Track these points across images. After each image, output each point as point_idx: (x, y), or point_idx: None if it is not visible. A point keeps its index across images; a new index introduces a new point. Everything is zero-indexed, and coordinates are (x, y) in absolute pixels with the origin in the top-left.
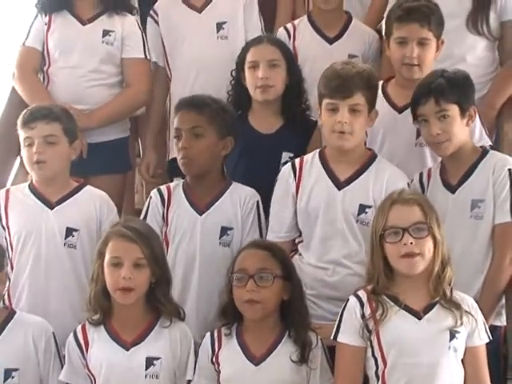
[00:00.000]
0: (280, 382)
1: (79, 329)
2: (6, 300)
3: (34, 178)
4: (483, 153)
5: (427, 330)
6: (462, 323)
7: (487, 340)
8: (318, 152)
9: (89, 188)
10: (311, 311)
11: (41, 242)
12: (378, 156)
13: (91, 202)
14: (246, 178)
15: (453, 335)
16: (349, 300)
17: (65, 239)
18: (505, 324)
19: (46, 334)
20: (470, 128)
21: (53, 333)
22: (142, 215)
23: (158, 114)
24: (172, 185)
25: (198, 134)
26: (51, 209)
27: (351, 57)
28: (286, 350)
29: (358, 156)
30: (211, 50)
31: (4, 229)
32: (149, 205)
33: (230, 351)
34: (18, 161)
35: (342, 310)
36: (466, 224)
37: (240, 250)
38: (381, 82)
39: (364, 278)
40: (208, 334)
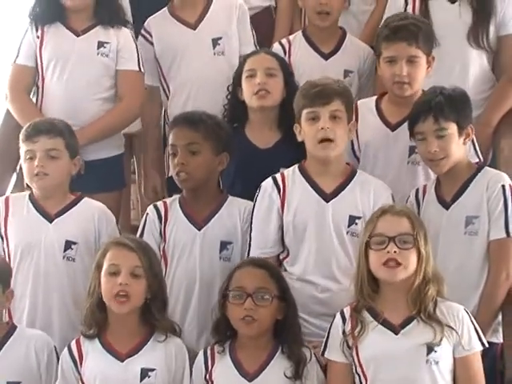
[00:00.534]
0: None
1: (73, 342)
2: (7, 314)
3: (34, 190)
4: (477, 169)
5: (403, 344)
6: (441, 338)
7: (479, 348)
8: (296, 167)
9: (87, 200)
10: (302, 329)
11: (40, 255)
12: (358, 170)
13: (90, 214)
14: (244, 192)
15: (431, 349)
16: (335, 316)
17: (64, 252)
18: (501, 341)
19: (48, 347)
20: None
21: (54, 346)
22: (139, 232)
23: (155, 134)
24: (168, 200)
25: (194, 150)
26: (50, 222)
27: (347, 72)
28: (280, 365)
29: (340, 169)
30: (209, 66)
31: (2, 239)
32: (145, 221)
33: (224, 368)
34: (14, 177)
35: (330, 326)
36: (461, 240)
37: (236, 267)
38: (374, 98)
39: (352, 292)
40: (201, 352)
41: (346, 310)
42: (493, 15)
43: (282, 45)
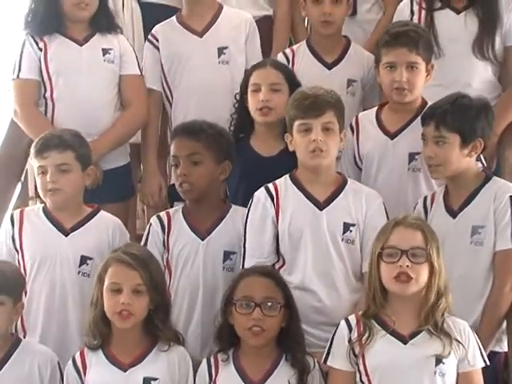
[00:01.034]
0: None
1: (77, 354)
2: (20, 326)
3: (47, 204)
4: (485, 179)
5: (412, 354)
6: (449, 352)
7: (481, 365)
8: (287, 176)
9: (102, 213)
10: None
11: (55, 269)
12: (349, 178)
13: (104, 229)
14: (247, 200)
15: (439, 360)
16: (339, 324)
17: (79, 267)
18: (505, 350)
19: (51, 363)
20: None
21: (58, 362)
22: (142, 242)
23: (155, 138)
24: (171, 211)
25: (196, 160)
26: (66, 235)
27: (350, 81)
28: (284, 373)
29: (331, 178)
30: (212, 74)
31: (17, 252)
32: (149, 232)
33: (228, 377)
34: (18, 187)
35: (333, 334)
36: (466, 250)
37: (241, 276)
38: (375, 109)
39: (351, 301)
40: (204, 360)
41: (352, 318)
42: (498, 26)
43: (285, 55)
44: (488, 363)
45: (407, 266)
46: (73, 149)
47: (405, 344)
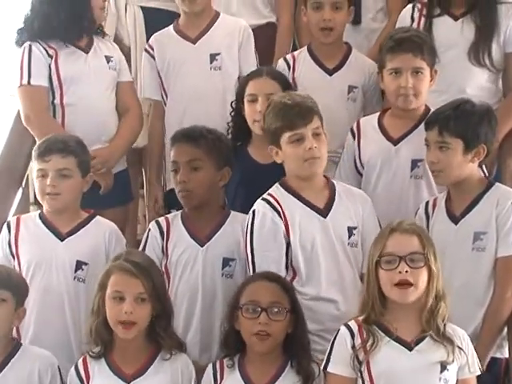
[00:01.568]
0: None
1: (80, 361)
2: (14, 330)
3: (44, 208)
4: (488, 185)
5: (418, 361)
6: (453, 359)
7: (478, 372)
8: (279, 186)
9: (98, 219)
10: (316, 346)
11: (51, 274)
12: (333, 180)
13: (101, 234)
14: (245, 207)
15: (444, 367)
16: (339, 330)
17: (75, 272)
18: (506, 356)
19: (51, 368)
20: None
21: (58, 366)
22: (141, 247)
23: (160, 147)
24: (170, 216)
25: (196, 166)
26: (62, 240)
27: (351, 88)
28: (289, 380)
29: (321, 182)
30: (204, 80)
31: (14, 257)
32: (147, 237)
33: (233, 382)
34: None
35: (333, 340)
36: (468, 256)
37: (247, 281)
38: (377, 114)
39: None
40: (210, 366)
41: (352, 324)
42: (496, 33)
43: (286, 61)
44: (483, 371)
45: (406, 271)
46: (75, 155)
47: (410, 350)
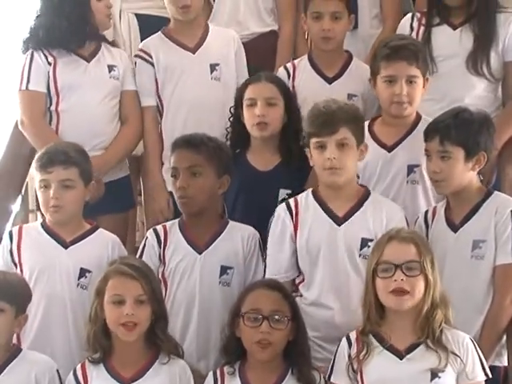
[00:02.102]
0: None
1: (79, 367)
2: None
3: (47, 219)
4: (487, 194)
5: (407, 370)
6: (445, 364)
7: (482, 378)
8: (310, 191)
9: (101, 231)
10: (316, 354)
11: (55, 280)
12: (372, 191)
13: (104, 244)
14: (244, 214)
15: (435, 374)
16: (341, 340)
17: (78, 280)
18: (505, 364)
19: (50, 372)
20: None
21: (57, 370)
22: (138, 255)
23: (158, 153)
24: (168, 224)
25: (196, 172)
26: (65, 248)
27: (350, 96)
28: None
29: (352, 192)
30: (205, 90)
31: (16, 265)
32: (144, 245)
33: None
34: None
35: (336, 350)
36: (467, 264)
37: (248, 289)
38: (367, 122)
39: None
40: (210, 373)
41: (352, 334)
42: (494, 42)
43: (286, 69)
44: (490, 376)
45: (402, 279)
46: (77, 165)
47: (401, 359)
